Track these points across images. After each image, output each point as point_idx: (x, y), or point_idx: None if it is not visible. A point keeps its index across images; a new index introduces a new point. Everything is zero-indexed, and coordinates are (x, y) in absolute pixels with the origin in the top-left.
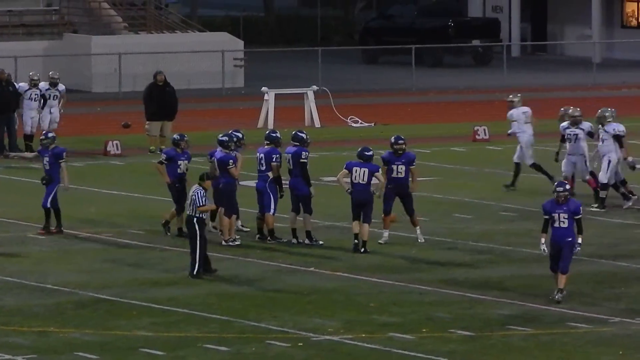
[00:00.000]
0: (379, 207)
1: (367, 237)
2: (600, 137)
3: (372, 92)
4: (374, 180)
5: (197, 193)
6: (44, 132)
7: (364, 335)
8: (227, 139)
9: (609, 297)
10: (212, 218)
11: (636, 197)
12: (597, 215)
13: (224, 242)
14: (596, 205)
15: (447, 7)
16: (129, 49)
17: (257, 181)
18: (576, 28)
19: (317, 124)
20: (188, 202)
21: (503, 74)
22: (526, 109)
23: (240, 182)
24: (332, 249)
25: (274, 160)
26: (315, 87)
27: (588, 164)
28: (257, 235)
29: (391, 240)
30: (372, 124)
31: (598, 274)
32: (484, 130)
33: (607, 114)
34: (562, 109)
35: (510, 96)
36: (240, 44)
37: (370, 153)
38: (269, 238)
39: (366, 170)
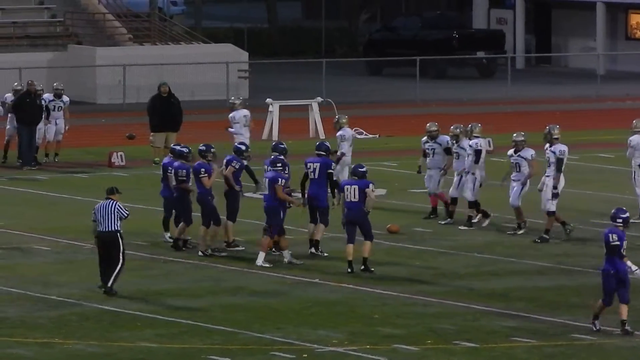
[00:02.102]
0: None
1: (369, 254)
2: (466, 152)
3: (376, 103)
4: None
5: (118, 207)
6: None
7: (368, 346)
8: (204, 148)
9: (613, 309)
10: (166, 228)
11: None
12: (600, 228)
13: (209, 252)
14: (444, 222)
15: (451, 19)
16: (133, 61)
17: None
18: (580, 40)
19: (322, 135)
20: (101, 218)
21: (507, 86)
22: (246, 112)
23: (245, 194)
24: (336, 261)
25: (278, 182)
26: (319, 99)
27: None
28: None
29: (395, 253)
30: (377, 136)
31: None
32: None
33: (468, 128)
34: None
35: (232, 98)
36: (244, 55)
37: (364, 169)
38: (273, 249)
39: (356, 187)
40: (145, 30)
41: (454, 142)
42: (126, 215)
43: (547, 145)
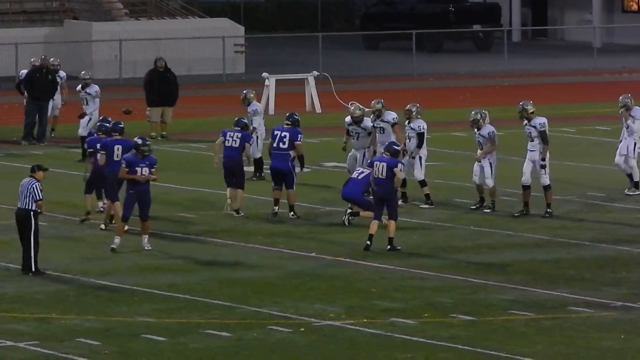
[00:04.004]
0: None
1: (394, 233)
2: (407, 134)
3: (372, 77)
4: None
5: (35, 186)
6: None
7: (365, 320)
8: (122, 125)
9: (610, 281)
10: (99, 196)
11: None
12: (597, 200)
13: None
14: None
15: None
16: (129, 36)
17: (272, 160)
18: (576, 13)
19: (318, 109)
20: (20, 194)
21: (504, 59)
22: (96, 87)
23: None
24: (333, 235)
25: (299, 139)
26: (315, 73)
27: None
28: (276, 208)
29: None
30: None
31: (599, 258)
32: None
33: (413, 109)
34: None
35: (83, 72)
36: (240, 29)
37: (398, 147)
38: (292, 213)
39: (385, 164)
40: (142, 5)
41: (376, 117)
42: (39, 198)
43: (525, 121)
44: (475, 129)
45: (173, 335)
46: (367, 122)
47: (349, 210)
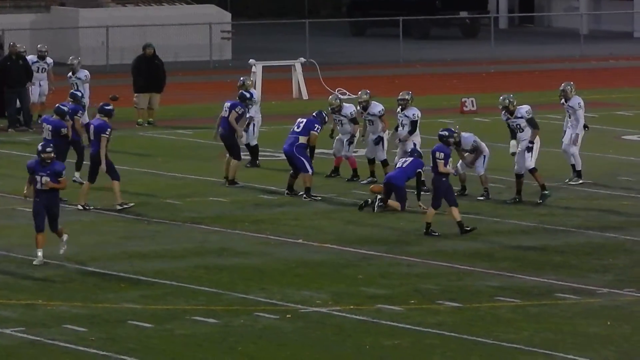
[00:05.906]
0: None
1: (459, 217)
2: (400, 121)
3: (359, 64)
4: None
5: None
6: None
7: (352, 307)
8: (111, 107)
9: (597, 268)
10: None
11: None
12: (584, 187)
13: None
14: (365, 181)
15: None
16: (116, 22)
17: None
18: None
19: (305, 96)
20: None
21: (490, 46)
22: (86, 72)
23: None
24: (320, 221)
25: (315, 129)
26: (302, 60)
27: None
28: (286, 192)
29: (379, 212)
30: None
31: (586, 245)
32: (472, 101)
33: (407, 97)
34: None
35: (71, 57)
36: (227, 16)
37: (442, 133)
38: (304, 195)
39: (432, 152)
40: None
41: (363, 108)
42: None
43: (508, 115)
44: (455, 144)
45: (160, 321)
46: (346, 109)
47: (379, 197)
